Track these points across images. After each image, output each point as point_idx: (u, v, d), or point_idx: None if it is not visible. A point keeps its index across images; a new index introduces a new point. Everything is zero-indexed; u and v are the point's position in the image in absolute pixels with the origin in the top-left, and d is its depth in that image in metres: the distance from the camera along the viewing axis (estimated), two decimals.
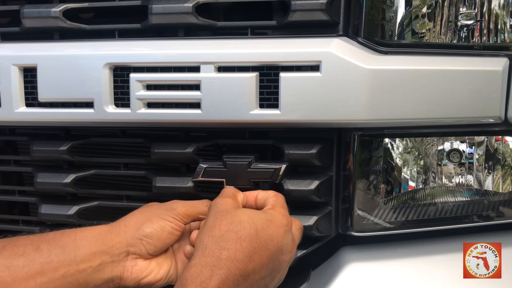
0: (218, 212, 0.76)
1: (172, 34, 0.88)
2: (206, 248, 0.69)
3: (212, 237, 0.71)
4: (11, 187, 1.07)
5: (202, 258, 0.68)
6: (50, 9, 0.88)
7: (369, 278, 0.89)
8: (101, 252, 0.75)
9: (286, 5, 0.83)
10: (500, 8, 0.83)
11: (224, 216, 0.74)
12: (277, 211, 0.79)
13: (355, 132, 0.87)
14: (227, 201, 0.79)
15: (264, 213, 0.77)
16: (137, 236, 0.77)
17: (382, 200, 0.89)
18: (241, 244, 0.70)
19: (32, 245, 0.73)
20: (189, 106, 0.86)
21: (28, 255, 0.71)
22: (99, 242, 0.76)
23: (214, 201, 0.80)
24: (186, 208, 0.81)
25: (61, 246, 0.73)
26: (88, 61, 0.87)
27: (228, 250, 0.69)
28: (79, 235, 0.76)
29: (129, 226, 0.79)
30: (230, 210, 0.76)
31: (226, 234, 0.71)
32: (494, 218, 0.93)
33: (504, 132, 0.88)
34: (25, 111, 0.91)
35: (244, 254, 0.69)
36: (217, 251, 0.69)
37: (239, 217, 0.73)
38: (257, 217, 0.74)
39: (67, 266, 0.72)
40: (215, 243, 0.70)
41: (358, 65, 0.80)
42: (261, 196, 0.84)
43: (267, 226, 0.74)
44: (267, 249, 0.72)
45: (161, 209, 0.81)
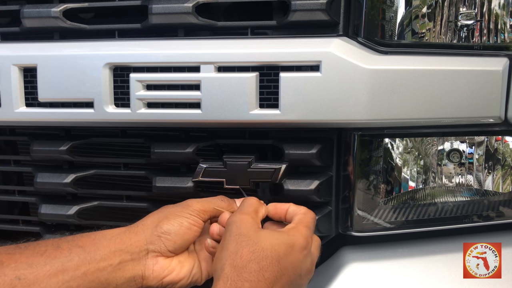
0: (238, 235, 0.73)
1: (172, 34, 0.88)
2: (227, 279, 0.68)
3: (233, 267, 0.69)
4: (11, 187, 1.07)
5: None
6: (50, 9, 0.88)
7: (369, 278, 0.89)
8: (120, 251, 0.75)
9: (286, 5, 0.83)
10: (500, 8, 0.83)
11: (246, 242, 0.71)
12: (299, 231, 0.76)
13: (355, 132, 0.87)
14: (247, 221, 0.75)
15: (286, 236, 0.74)
16: (156, 234, 0.78)
17: (382, 200, 0.89)
18: (264, 275, 0.69)
19: (53, 244, 0.74)
20: (189, 106, 0.86)
21: (50, 253, 0.72)
22: (118, 241, 0.76)
23: (234, 218, 0.76)
24: (201, 203, 0.81)
25: (80, 246, 0.74)
26: (88, 61, 0.87)
27: (251, 282, 0.68)
28: (98, 236, 0.77)
29: (146, 225, 0.79)
30: (252, 234, 0.73)
31: (248, 265, 0.69)
32: (494, 218, 0.93)
33: (504, 132, 0.88)
34: (25, 111, 0.91)
35: (266, 284, 0.69)
36: (239, 283, 0.68)
37: (261, 245, 0.71)
38: (278, 243, 0.72)
39: (88, 265, 0.73)
40: (237, 274, 0.68)
41: (358, 65, 0.80)
42: (291, 210, 0.81)
43: (288, 252, 0.72)
44: (287, 276, 0.72)
45: (177, 207, 0.81)
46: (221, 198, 0.85)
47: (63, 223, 1.01)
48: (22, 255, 0.71)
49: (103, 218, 1.02)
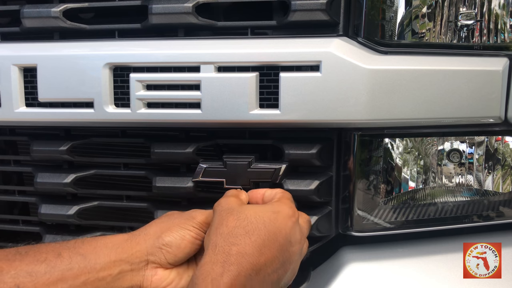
0: (223, 210, 0.75)
1: (172, 34, 0.88)
2: (215, 246, 0.69)
3: (220, 234, 0.71)
4: (11, 187, 1.07)
5: (213, 255, 0.68)
6: (50, 9, 0.88)
7: (369, 278, 0.89)
8: (120, 261, 0.75)
9: (286, 5, 0.83)
10: (500, 8, 0.83)
11: (230, 213, 0.74)
12: (283, 202, 0.78)
13: (355, 132, 0.87)
14: (230, 200, 0.79)
15: (270, 205, 0.77)
16: (157, 245, 0.77)
17: (382, 200, 0.89)
18: (250, 238, 0.69)
19: (54, 251, 0.73)
20: (189, 106, 0.86)
21: (50, 261, 0.71)
22: (119, 251, 0.76)
23: (218, 202, 0.79)
24: (205, 216, 0.80)
25: (81, 254, 0.74)
26: (88, 61, 0.87)
27: (238, 246, 0.68)
28: (99, 243, 0.76)
29: (149, 235, 0.78)
30: (235, 207, 0.76)
31: (234, 230, 0.70)
32: (494, 218, 0.93)
33: (504, 132, 0.88)
34: (25, 111, 0.91)
35: (254, 248, 0.69)
36: (227, 247, 0.68)
37: (245, 213, 0.73)
38: (263, 211, 0.74)
39: (87, 274, 0.72)
40: (224, 239, 0.69)
41: (358, 65, 0.80)
42: (268, 194, 0.84)
43: (274, 218, 0.73)
44: (276, 241, 0.72)
45: (181, 218, 0.80)
46: None
47: (63, 223, 1.01)
48: (22, 262, 0.70)
49: (103, 218, 1.02)
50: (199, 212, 0.81)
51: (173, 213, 0.83)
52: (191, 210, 0.82)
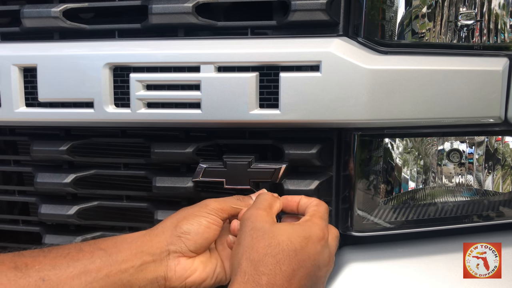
0: (253, 230, 0.73)
1: (172, 34, 0.88)
2: (245, 273, 0.69)
3: (250, 261, 0.70)
4: (11, 187, 1.07)
5: (242, 284, 0.68)
6: (50, 9, 0.88)
7: (369, 278, 0.89)
8: (141, 252, 0.76)
9: (286, 5, 0.83)
10: (500, 8, 0.83)
11: (262, 236, 0.72)
12: (315, 223, 0.76)
13: (355, 132, 0.87)
14: (261, 216, 0.76)
15: (301, 228, 0.74)
16: (176, 234, 0.78)
17: (382, 200, 0.90)
18: (280, 268, 0.69)
19: (75, 247, 0.75)
20: (189, 106, 0.86)
21: (72, 256, 0.73)
22: (138, 244, 0.77)
23: (249, 214, 0.76)
24: (218, 202, 0.81)
25: (102, 249, 0.75)
26: (88, 61, 0.87)
27: (268, 276, 0.68)
28: (119, 239, 0.78)
29: (166, 227, 0.79)
30: (267, 228, 0.73)
31: (265, 259, 0.69)
32: (494, 218, 0.93)
33: (504, 132, 0.88)
34: (25, 111, 0.91)
35: (283, 278, 0.69)
36: (257, 277, 0.68)
37: (277, 239, 0.71)
38: (294, 236, 0.72)
39: (110, 267, 0.73)
40: (254, 268, 0.69)
41: (358, 65, 0.80)
42: (303, 202, 0.82)
43: (305, 244, 0.72)
44: (305, 268, 0.71)
45: (194, 207, 0.82)
46: (238, 197, 0.85)
47: (63, 223, 1.01)
48: (46, 257, 0.72)
49: (103, 218, 1.02)
50: (212, 200, 0.82)
51: (186, 208, 0.83)
52: (203, 200, 0.83)
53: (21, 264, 0.70)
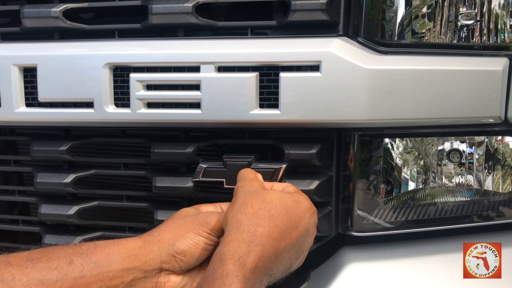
0: (247, 192, 0.77)
1: (172, 34, 0.88)
2: (240, 224, 0.70)
3: (245, 214, 0.71)
4: (11, 187, 1.07)
5: (238, 233, 0.69)
6: (50, 9, 0.88)
7: (369, 278, 0.89)
8: (134, 268, 0.74)
9: (286, 5, 0.83)
10: (500, 8, 0.83)
11: (255, 195, 0.75)
12: (302, 194, 0.80)
13: (355, 132, 0.87)
14: (254, 183, 0.80)
15: (291, 195, 0.78)
16: (171, 253, 0.76)
17: (382, 200, 0.89)
18: (274, 222, 0.71)
19: (66, 258, 0.72)
20: (189, 106, 0.86)
21: (62, 268, 0.70)
22: (132, 258, 0.75)
23: (241, 183, 0.80)
24: (217, 220, 0.78)
25: (94, 261, 0.73)
26: (88, 61, 0.87)
27: (263, 227, 0.69)
28: (112, 250, 0.75)
29: (162, 242, 0.77)
30: (259, 191, 0.77)
31: (259, 212, 0.72)
32: (494, 218, 0.93)
33: (504, 132, 0.88)
34: (25, 111, 0.91)
35: (277, 232, 0.70)
36: (252, 228, 0.69)
37: (270, 197, 0.74)
38: (286, 198, 0.76)
39: (100, 282, 0.72)
40: (249, 219, 0.70)
41: (358, 65, 0.80)
42: (276, 186, 0.85)
43: (296, 207, 0.75)
44: (296, 229, 0.74)
45: (195, 222, 0.79)
46: None
47: (63, 223, 1.01)
48: (34, 269, 0.69)
49: (103, 218, 1.02)
50: (212, 216, 0.79)
51: (186, 215, 0.81)
52: (206, 213, 0.81)
53: (8, 277, 0.67)
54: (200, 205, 0.85)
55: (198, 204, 0.86)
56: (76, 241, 0.98)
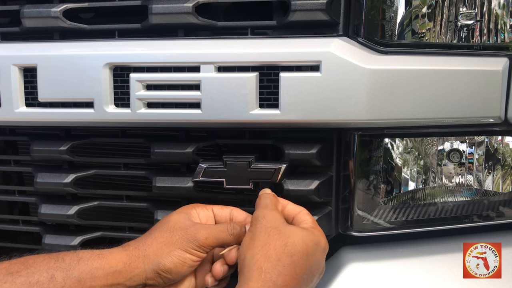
0: (269, 228, 0.73)
1: (172, 34, 0.88)
2: (261, 270, 0.69)
3: (267, 258, 0.70)
4: (11, 187, 1.07)
5: (260, 280, 0.68)
6: (50, 9, 0.88)
7: (369, 278, 0.89)
8: (118, 284, 0.73)
9: (286, 5, 0.83)
10: (500, 8, 0.83)
11: (278, 235, 0.72)
12: (321, 232, 0.78)
13: (355, 132, 0.87)
14: (275, 216, 0.76)
15: (312, 234, 0.76)
16: (156, 270, 0.75)
17: (382, 200, 0.89)
18: (295, 270, 0.70)
19: (47, 272, 0.70)
20: (189, 106, 0.86)
21: (42, 284, 0.69)
22: (116, 274, 0.73)
23: (262, 213, 0.76)
24: (209, 238, 0.77)
25: (76, 276, 0.71)
26: (88, 61, 0.87)
27: (285, 276, 0.69)
28: (95, 264, 0.73)
29: (148, 258, 0.75)
30: (282, 228, 0.74)
31: (282, 258, 0.70)
32: (494, 218, 0.93)
33: (504, 132, 0.88)
34: (25, 111, 0.91)
35: (296, 280, 0.70)
36: (274, 276, 0.68)
37: (293, 239, 0.72)
38: (308, 240, 0.74)
39: None
40: (272, 266, 0.69)
41: (358, 65, 0.80)
42: (291, 208, 0.83)
43: (315, 250, 0.74)
44: (311, 274, 0.74)
45: (183, 239, 0.76)
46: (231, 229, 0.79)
47: (63, 223, 1.01)
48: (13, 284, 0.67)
49: (103, 218, 1.02)
50: (204, 231, 0.77)
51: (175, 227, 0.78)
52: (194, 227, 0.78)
53: None
54: (191, 209, 0.83)
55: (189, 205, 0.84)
56: (76, 241, 0.98)
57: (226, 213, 0.85)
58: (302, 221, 0.79)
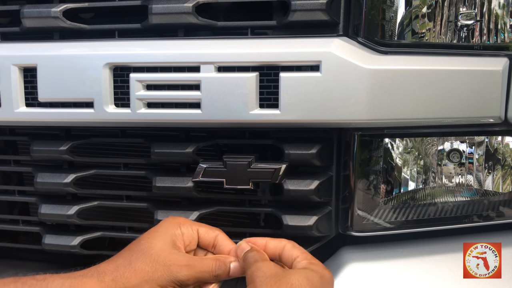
0: (268, 278, 0.69)
1: (172, 34, 0.88)
2: None
3: None
4: (11, 187, 1.07)
5: None
6: (50, 9, 0.88)
7: (369, 278, 0.89)
8: None
9: (286, 5, 0.83)
10: (500, 8, 0.83)
11: (280, 281, 0.68)
12: (322, 266, 0.74)
13: (355, 132, 0.87)
14: (269, 265, 0.72)
15: (314, 270, 0.72)
16: None
17: (382, 200, 0.89)
18: None
19: None
20: (189, 106, 0.86)
21: None
22: None
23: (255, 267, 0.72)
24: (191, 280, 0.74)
25: None
26: (88, 61, 0.87)
27: None
28: None
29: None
30: (281, 273, 0.70)
31: None
32: (494, 218, 0.93)
33: (504, 132, 0.88)
34: (25, 111, 0.91)
35: None
36: None
37: (297, 281, 0.68)
38: (311, 276, 0.70)
39: None
40: None
41: (358, 65, 0.80)
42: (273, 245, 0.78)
43: (322, 284, 0.71)
44: None
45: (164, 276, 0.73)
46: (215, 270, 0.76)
47: (63, 223, 1.01)
48: None
49: (103, 218, 1.02)
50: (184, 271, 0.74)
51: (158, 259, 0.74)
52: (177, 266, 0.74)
53: None
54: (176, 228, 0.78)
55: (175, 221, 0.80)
56: (76, 241, 0.98)
57: (211, 237, 0.80)
58: (294, 259, 0.75)
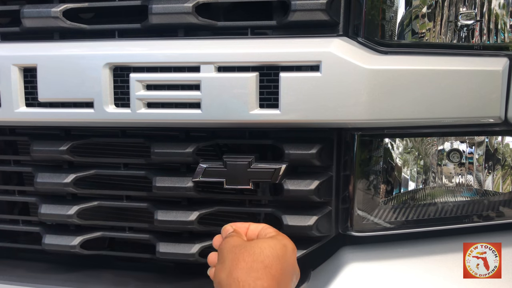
0: (233, 247, 0.74)
1: (172, 34, 0.89)
2: (238, 281, 0.69)
3: (240, 270, 0.70)
4: (11, 187, 1.07)
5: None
6: (50, 9, 0.88)
7: (369, 278, 0.89)
8: None
9: (286, 5, 0.83)
10: (500, 8, 0.83)
11: (243, 248, 0.73)
12: (285, 236, 0.79)
13: (355, 132, 0.87)
14: (237, 238, 0.77)
15: (276, 239, 0.77)
16: None
17: (382, 200, 0.89)
18: (270, 272, 0.70)
19: None
20: (189, 106, 0.86)
21: None
22: None
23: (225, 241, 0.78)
24: None
25: None
26: (88, 61, 0.87)
27: (262, 280, 0.69)
28: None
29: None
30: (245, 243, 0.75)
31: (254, 265, 0.70)
32: (494, 218, 0.93)
33: (504, 132, 0.88)
34: (25, 111, 0.91)
35: (274, 281, 0.70)
36: (252, 283, 0.68)
37: (259, 247, 0.73)
38: (273, 244, 0.74)
39: None
40: (247, 274, 0.69)
41: (358, 65, 0.80)
42: (253, 227, 0.83)
43: (284, 252, 0.74)
44: (288, 274, 0.74)
45: None
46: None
47: (63, 223, 1.01)
48: None
49: (103, 218, 1.02)
50: None
51: None
52: None
53: None
54: None
55: None
56: (76, 241, 0.98)
57: None
58: (265, 234, 0.80)
